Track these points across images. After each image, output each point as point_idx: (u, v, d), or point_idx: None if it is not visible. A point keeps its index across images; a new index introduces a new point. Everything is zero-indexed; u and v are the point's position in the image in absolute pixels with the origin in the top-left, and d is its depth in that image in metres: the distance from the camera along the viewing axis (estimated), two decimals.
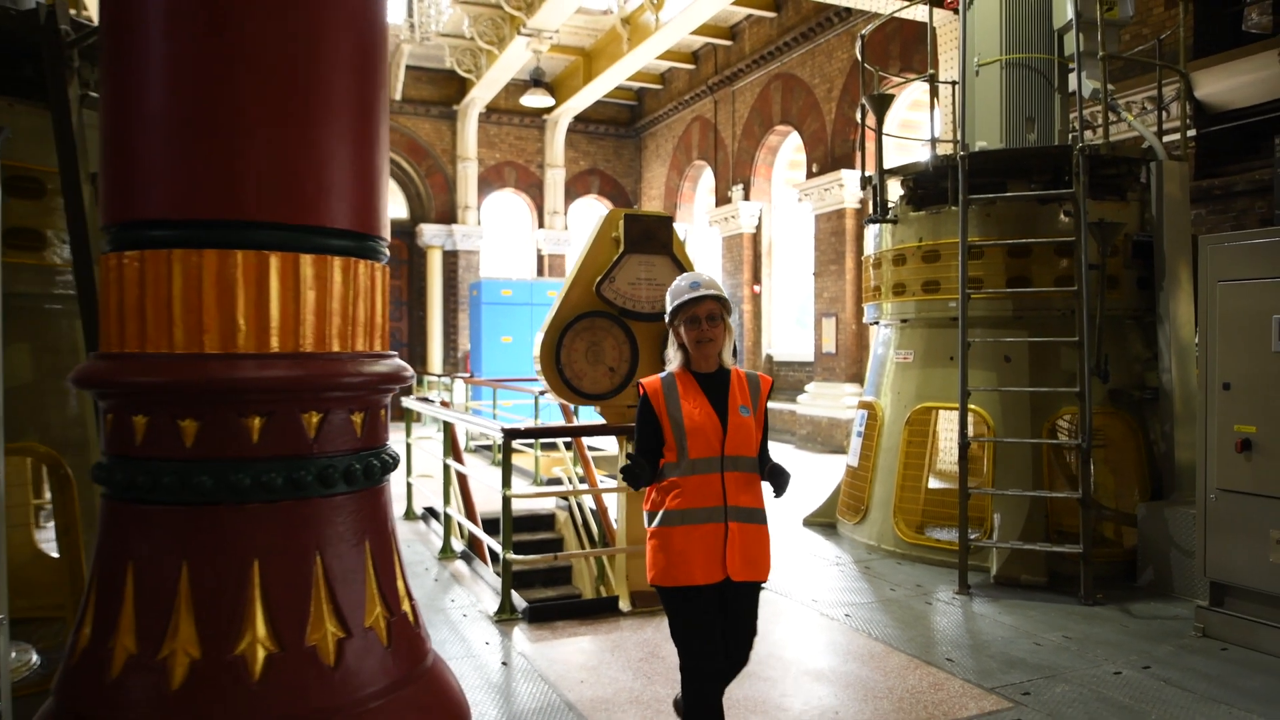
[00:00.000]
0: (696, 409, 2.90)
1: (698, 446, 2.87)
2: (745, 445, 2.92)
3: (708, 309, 2.96)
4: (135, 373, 1.25)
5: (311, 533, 1.32)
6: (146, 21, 1.28)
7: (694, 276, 3.07)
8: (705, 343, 2.95)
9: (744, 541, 2.89)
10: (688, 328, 2.97)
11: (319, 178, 1.31)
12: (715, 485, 2.87)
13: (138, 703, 1.23)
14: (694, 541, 2.85)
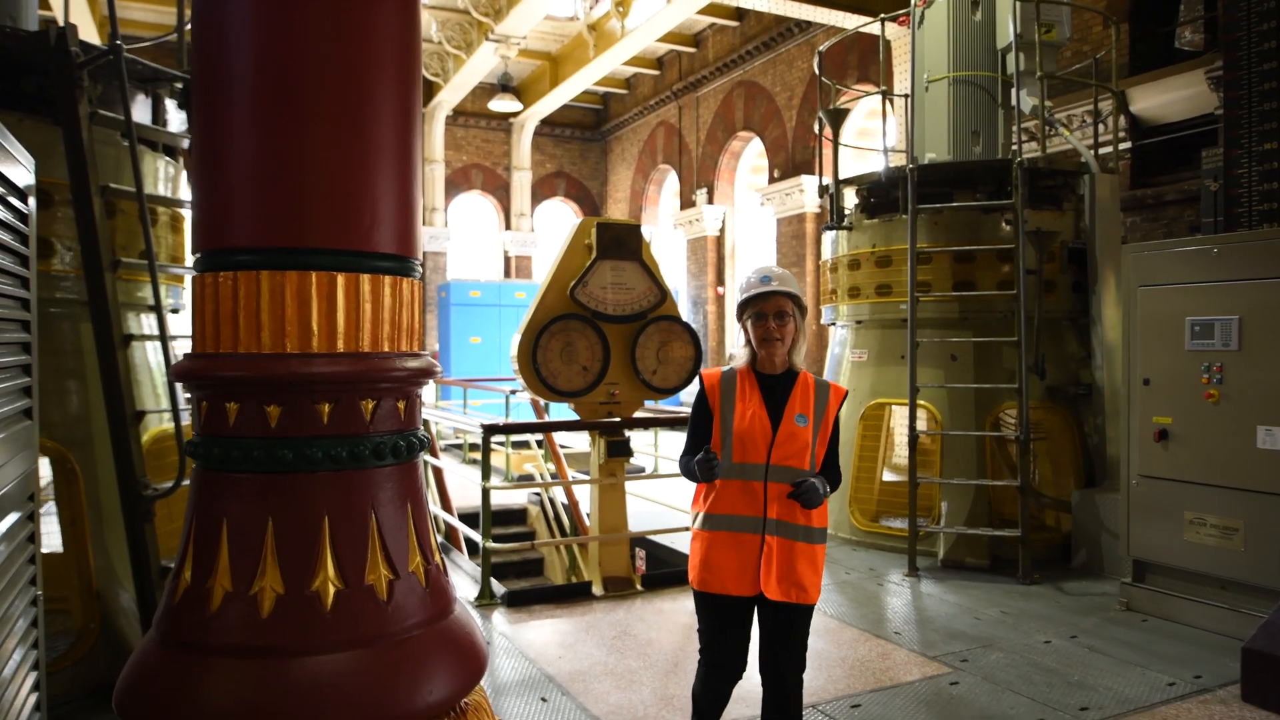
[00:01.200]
0: (748, 410, 2.71)
1: (742, 450, 2.70)
2: (796, 456, 2.69)
3: (777, 305, 2.75)
4: (231, 368, 1.58)
5: (367, 495, 1.66)
6: (231, 89, 1.60)
7: (766, 270, 2.85)
8: (771, 342, 2.74)
9: (784, 558, 2.67)
10: (754, 324, 2.77)
11: (372, 212, 1.64)
12: (756, 494, 2.69)
13: (235, 628, 1.55)
14: (727, 549, 2.70)
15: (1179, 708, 3.86)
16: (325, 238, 1.59)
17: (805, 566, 2.70)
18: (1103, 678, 4.20)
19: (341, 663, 1.56)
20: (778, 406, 2.74)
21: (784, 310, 2.76)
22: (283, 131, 1.58)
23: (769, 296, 2.76)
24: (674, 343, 5.86)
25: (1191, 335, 4.95)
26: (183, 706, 1.52)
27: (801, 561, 2.69)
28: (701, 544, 2.78)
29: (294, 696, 1.51)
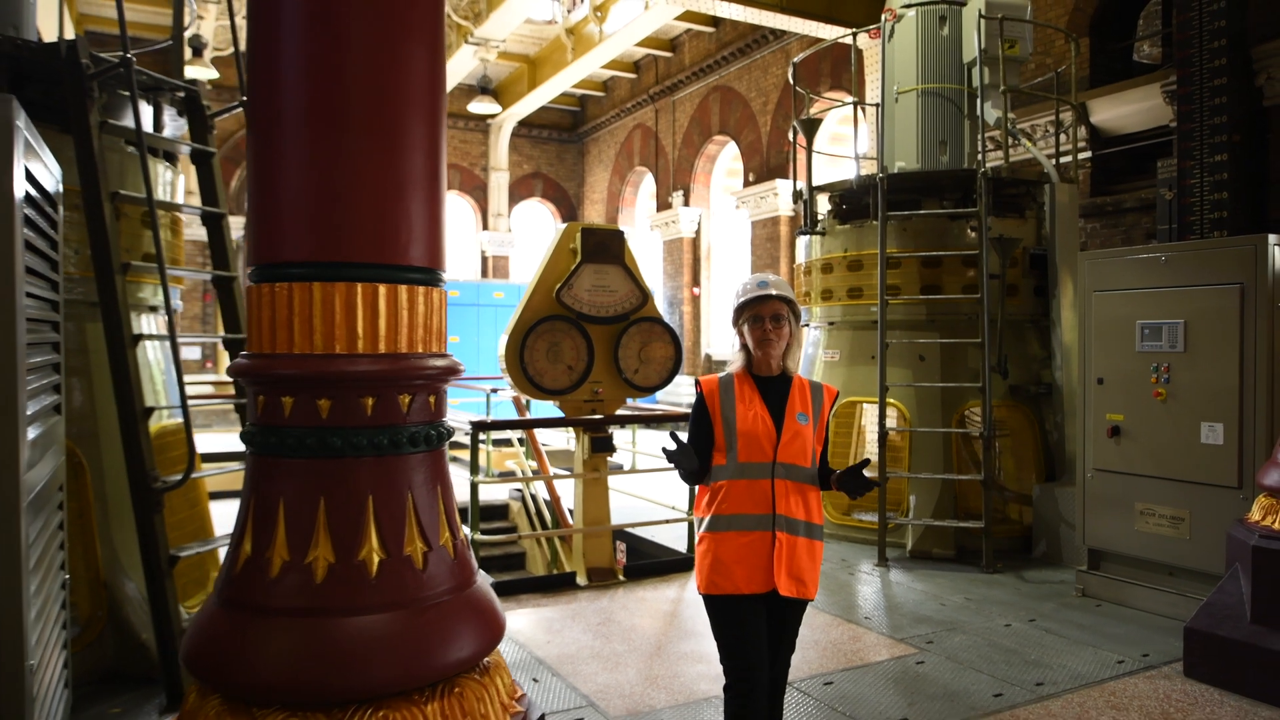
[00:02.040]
0: (751, 411, 2.79)
1: (748, 450, 2.76)
2: (800, 454, 2.79)
3: (773, 309, 2.83)
4: (287, 367, 1.80)
5: (405, 478, 1.88)
6: (284, 121, 1.82)
7: (763, 276, 2.94)
8: (768, 344, 2.82)
9: (792, 554, 2.75)
10: (750, 327, 2.85)
11: (408, 230, 1.86)
12: (764, 491, 2.76)
13: (292, 593, 1.77)
14: (739, 549, 2.74)
15: (1127, 682, 4.17)
16: (368, 253, 1.82)
17: (810, 562, 2.80)
18: (1058, 657, 4.50)
19: (384, 623, 1.79)
20: (778, 406, 2.82)
21: (780, 314, 2.83)
22: (330, 158, 1.81)
23: (766, 300, 2.83)
24: (655, 343, 6.11)
25: (1141, 337, 5.28)
26: (249, 659, 1.74)
27: (807, 557, 2.79)
28: (710, 546, 2.78)
29: (343, 651, 1.74)
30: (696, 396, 2.92)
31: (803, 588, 2.79)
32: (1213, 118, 7.95)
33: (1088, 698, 3.99)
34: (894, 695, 4.04)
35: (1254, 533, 4.14)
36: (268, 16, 1.85)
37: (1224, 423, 4.88)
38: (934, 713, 3.83)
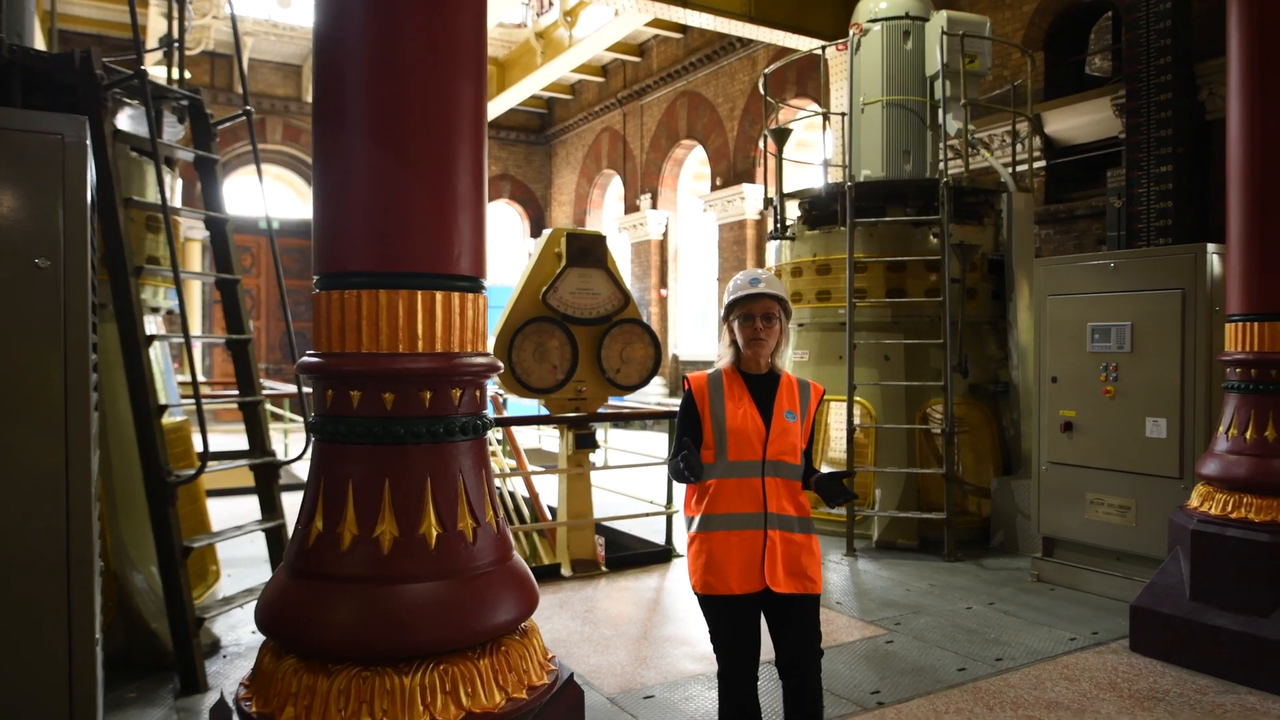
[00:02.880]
0: (740, 409, 2.78)
1: (738, 448, 2.75)
2: (789, 451, 2.79)
3: (764, 308, 2.82)
4: (356, 364, 2.03)
5: (456, 462, 2.12)
6: (348, 143, 2.06)
7: (755, 273, 2.92)
8: (758, 342, 2.81)
9: (787, 551, 2.75)
10: (741, 325, 2.83)
11: (458, 243, 2.10)
12: (755, 490, 2.75)
13: (361, 563, 2.00)
14: (731, 548, 2.72)
15: (1078, 657, 4.53)
16: (425, 264, 2.06)
17: (808, 557, 2.79)
18: (1015, 635, 4.85)
19: (441, 589, 2.03)
20: (766, 404, 2.82)
21: (771, 312, 2.82)
22: (391, 179, 2.04)
23: (757, 298, 2.82)
24: (636, 343, 6.38)
25: (1092, 339, 5.66)
26: (324, 622, 1.97)
27: (804, 552, 2.78)
28: (703, 546, 2.77)
29: (407, 614, 1.98)
30: (685, 394, 2.89)
31: (807, 583, 2.77)
32: (1159, 130, 8.43)
33: (1043, 671, 4.34)
34: (867, 671, 4.35)
35: (1193, 518, 4.52)
36: (334, 52, 2.08)
37: (1167, 418, 5.28)
38: (904, 686, 4.15)
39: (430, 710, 1.94)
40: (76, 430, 2.32)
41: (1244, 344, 4.47)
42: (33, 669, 2.28)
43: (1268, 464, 4.34)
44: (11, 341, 2.26)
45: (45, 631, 2.29)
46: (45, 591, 2.31)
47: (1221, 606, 4.30)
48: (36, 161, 2.26)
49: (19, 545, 2.29)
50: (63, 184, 2.30)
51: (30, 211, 2.26)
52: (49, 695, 2.28)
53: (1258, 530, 4.24)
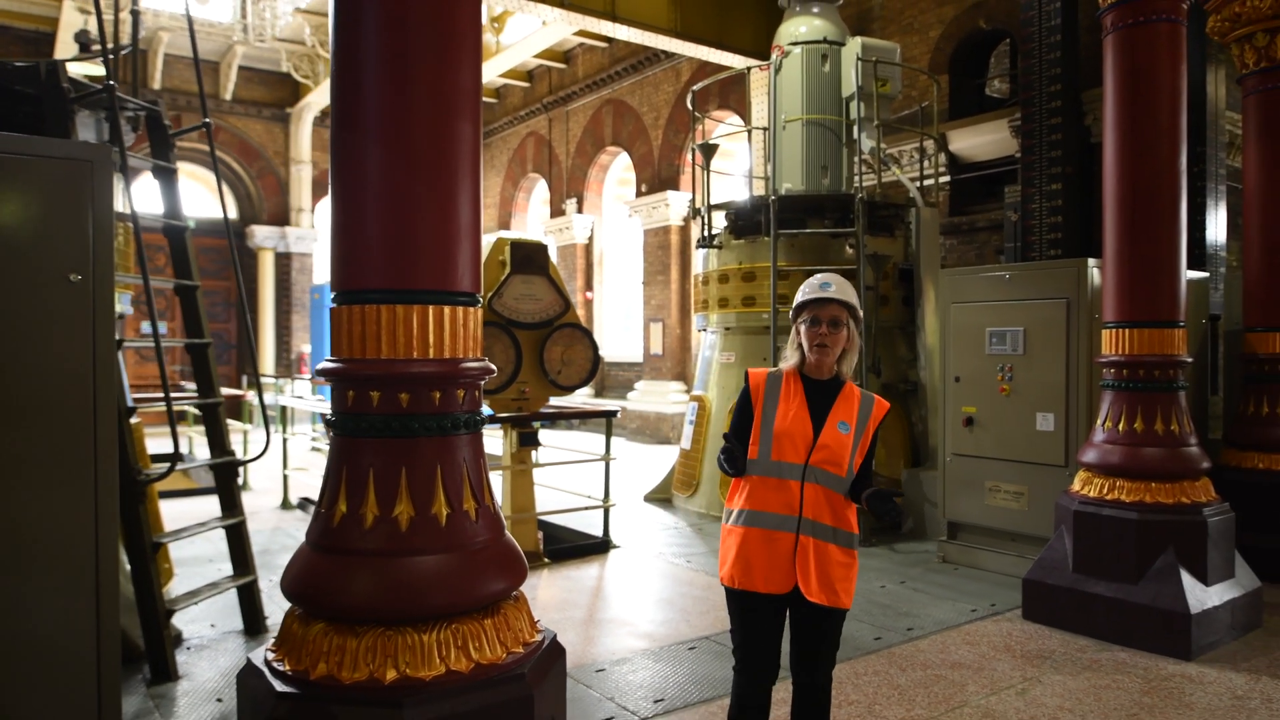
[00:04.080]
0: (792, 411, 2.74)
1: (782, 449, 2.72)
2: (835, 462, 2.71)
3: (831, 313, 2.76)
4: (375, 369, 2.33)
5: (460, 452, 2.44)
6: (366, 179, 2.39)
7: (828, 278, 2.86)
8: (822, 348, 2.75)
9: (820, 559, 2.69)
10: (807, 329, 2.79)
11: (457, 264, 2.44)
12: (793, 493, 2.70)
13: (382, 539, 2.30)
14: (760, 546, 2.71)
15: (978, 625, 5.09)
16: (431, 282, 2.39)
17: (841, 570, 2.73)
18: (924, 609, 5.40)
19: (449, 560, 2.36)
20: (821, 411, 2.75)
21: (839, 319, 2.77)
22: (405, 209, 2.38)
23: (826, 303, 2.77)
24: (576, 346, 6.74)
25: (990, 342, 6.28)
26: (351, 590, 2.28)
27: (838, 565, 2.72)
28: (735, 540, 2.76)
29: (423, 581, 2.30)
30: (743, 388, 2.88)
31: (834, 596, 2.72)
32: (1050, 151, 9.20)
33: (948, 637, 4.88)
34: None
35: (1075, 500, 5.14)
36: (352, 107, 2.40)
37: (1054, 413, 5.92)
38: None
39: (445, 662, 2.28)
40: (104, 426, 2.58)
41: (1118, 347, 5.10)
42: (68, 623, 2.53)
43: (1137, 452, 4.98)
44: (50, 348, 2.50)
45: (79, 607, 2.54)
46: (78, 574, 2.56)
47: (1099, 576, 4.92)
48: (70, 186, 2.51)
49: (54, 530, 2.53)
50: (92, 206, 2.55)
51: (65, 231, 2.51)
52: (82, 644, 2.53)
53: (1128, 509, 4.87)
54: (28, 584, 2.44)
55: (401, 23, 2.36)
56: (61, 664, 2.50)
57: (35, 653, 2.44)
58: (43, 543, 2.48)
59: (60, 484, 2.50)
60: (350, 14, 2.45)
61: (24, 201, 2.45)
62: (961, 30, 10.81)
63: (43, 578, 2.47)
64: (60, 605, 2.48)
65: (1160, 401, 4.99)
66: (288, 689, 2.26)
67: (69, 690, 2.50)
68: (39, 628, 2.44)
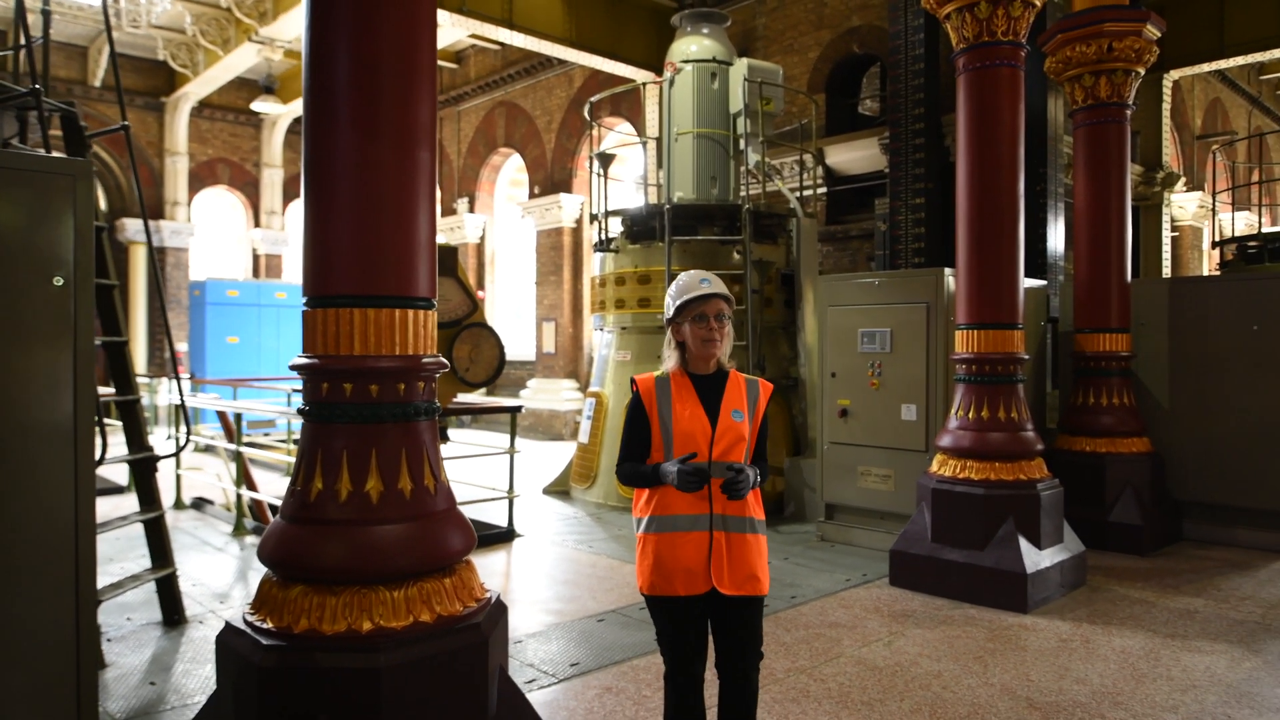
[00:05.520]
0: (687, 410, 2.76)
1: (684, 449, 2.73)
2: (736, 451, 2.76)
3: (716, 307, 2.81)
4: (348, 364, 2.64)
5: (420, 436, 2.78)
6: (339, 197, 2.74)
7: (703, 274, 2.89)
8: (712, 343, 2.80)
9: (734, 553, 2.72)
10: (694, 326, 2.80)
11: (417, 272, 2.80)
12: (702, 491, 2.71)
13: (355, 510, 2.61)
14: (676, 550, 2.70)
15: (852, 591, 5.76)
16: (394, 288, 2.74)
17: (756, 558, 2.77)
18: (805, 580, 6.03)
19: (412, 528, 2.72)
20: (714, 404, 2.80)
21: (723, 312, 2.83)
22: (372, 225, 2.73)
23: (709, 299, 2.81)
24: (484, 345, 7.09)
25: (862, 342, 6.99)
26: (328, 555, 2.61)
27: (752, 553, 2.76)
28: (650, 547, 2.76)
29: (391, 546, 2.65)
30: (633, 396, 2.88)
31: (755, 584, 2.76)
32: (914, 168, 10.10)
33: (826, 603, 5.51)
34: None
35: (932, 480, 5.86)
36: (325, 138, 2.75)
37: (916, 404, 6.67)
38: None
39: (413, 614, 2.65)
40: (83, 421, 2.82)
41: (968, 346, 5.85)
42: (51, 614, 2.77)
43: (984, 437, 5.74)
44: (34, 348, 2.74)
45: (60, 588, 2.79)
46: (59, 556, 2.80)
47: (952, 545, 5.65)
48: (54, 197, 2.75)
49: (36, 517, 2.77)
50: (74, 216, 2.80)
51: (49, 238, 2.75)
52: (62, 633, 2.79)
53: (976, 486, 5.63)
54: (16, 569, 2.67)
55: (373, 66, 2.73)
56: (47, 633, 2.75)
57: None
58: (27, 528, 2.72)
59: (43, 472, 2.74)
60: (324, 55, 2.79)
61: (12, 211, 2.67)
62: (837, 53, 11.66)
63: (32, 556, 2.71)
64: (42, 591, 2.73)
65: (1003, 393, 5.77)
66: (274, 642, 2.58)
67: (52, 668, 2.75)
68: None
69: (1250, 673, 4.41)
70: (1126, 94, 7.31)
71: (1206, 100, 15.71)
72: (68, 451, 2.77)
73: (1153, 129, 12.51)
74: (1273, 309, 6.87)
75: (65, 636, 2.80)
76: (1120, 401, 7.26)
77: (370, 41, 2.76)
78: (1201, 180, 15.35)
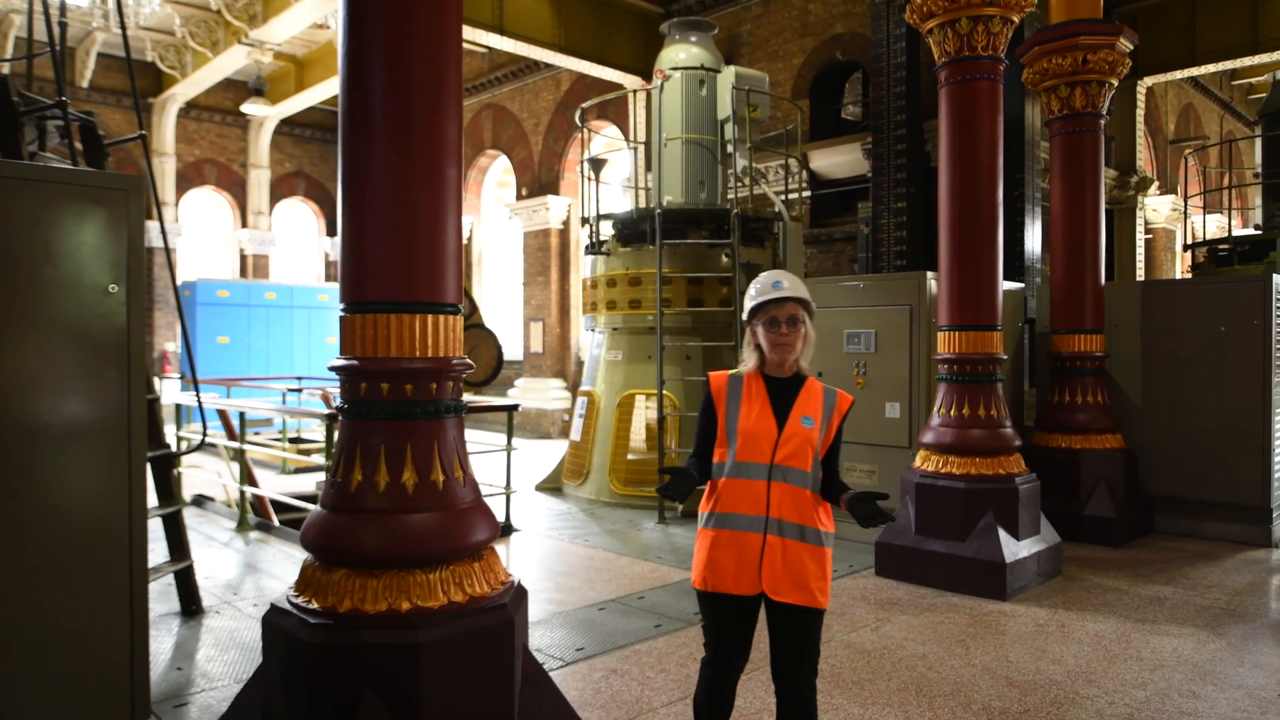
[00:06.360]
0: (754, 410, 2.76)
1: (747, 450, 2.73)
2: (799, 458, 2.73)
3: (789, 311, 2.78)
4: (384, 365, 2.88)
5: (449, 431, 3.00)
6: (375, 210, 2.97)
7: (778, 275, 2.87)
8: (783, 347, 2.77)
9: (787, 558, 2.68)
10: (766, 329, 2.79)
11: (446, 279, 3.03)
12: (759, 493, 2.70)
13: (393, 500, 2.85)
14: (729, 548, 2.71)
15: (840, 581, 6.02)
16: (426, 294, 2.97)
17: (812, 568, 2.71)
18: None
19: (445, 516, 2.95)
20: (784, 408, 2.78)
21: (795, 316, 2.79)
22: (405, 234, 2.97)
23: (782, 302, 2.78)
24: (482, 346, 7.31)
25: (848, 342, 7.27)
26: (369, 541, 2.84)
27: (807, 563, 2.70)
28: (705, 543, 2.78)
29: (426, 532, 2.88)
30: (705, 392, 2.90)
31: (807, 595, 2.70)
32: (896, 173, 10.41)
33: None
34: (688, 600, 5.59)
35: (916, 474, 6.15)
36: (363, 156, 2.98)
37: (900, 402, 6.96)
38: None
39: (447, 595, 2.88)
40: (136, 415, 3.03)
41: (950, 347, 6.14)
42: (111, 592, 2.99)
43: (965, 433, 6.03)
44: (94, 353, 2.95)
45: (116, 567, 3.00)
46: (116, 538, 3.01)
47: (935, 536, 5.94)
48: (110, 210, 2.96)
49: (96, 503, 2.98)
50: (128, 228, 3.01)
51: (106, 249, 2.96)
52: (119, 610, 3.01)
53: (958, 480, 5.91)
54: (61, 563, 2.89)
55: (406, 90, 2.96)
56: (103, 614, 2.97)
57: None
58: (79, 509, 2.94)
59: (101, 465, 2.96)
60: (359, 80, 3.02)
61: (74, 224, 2.88)
62: (820, 60, 11.95)
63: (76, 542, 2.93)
64: (102, 571, 2.95)
65: (983, 391, 6.06)
66: (321, 621, 2.80)
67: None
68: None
69: (1215, 653, 4.71)
70: (1101, 104, 7.63)
71: (1179, 105, 16.16)
72: (123, 443, 2.99)
73: (1127, 134, 12.90)
74: (1240, 311, 7.21)
75: (122, 613, 3.02)
76: (1094, 400, 7.58)
77: (403, 68, 2.99)
78: (1175, 184, 15.79)
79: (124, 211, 2.99)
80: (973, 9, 5.90)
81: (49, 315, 2.88)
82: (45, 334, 2.87)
